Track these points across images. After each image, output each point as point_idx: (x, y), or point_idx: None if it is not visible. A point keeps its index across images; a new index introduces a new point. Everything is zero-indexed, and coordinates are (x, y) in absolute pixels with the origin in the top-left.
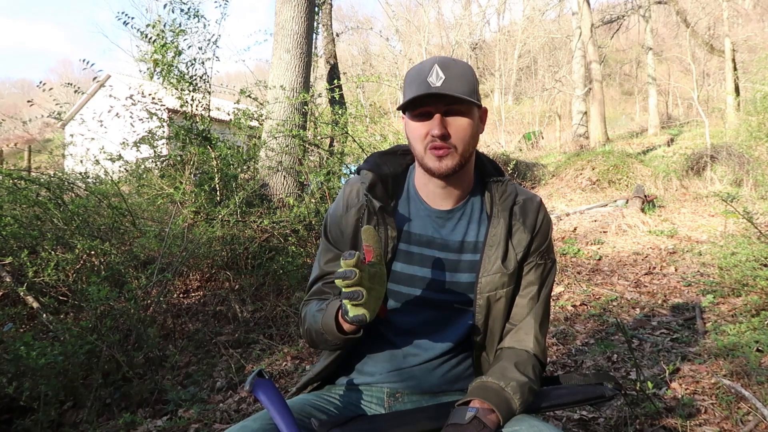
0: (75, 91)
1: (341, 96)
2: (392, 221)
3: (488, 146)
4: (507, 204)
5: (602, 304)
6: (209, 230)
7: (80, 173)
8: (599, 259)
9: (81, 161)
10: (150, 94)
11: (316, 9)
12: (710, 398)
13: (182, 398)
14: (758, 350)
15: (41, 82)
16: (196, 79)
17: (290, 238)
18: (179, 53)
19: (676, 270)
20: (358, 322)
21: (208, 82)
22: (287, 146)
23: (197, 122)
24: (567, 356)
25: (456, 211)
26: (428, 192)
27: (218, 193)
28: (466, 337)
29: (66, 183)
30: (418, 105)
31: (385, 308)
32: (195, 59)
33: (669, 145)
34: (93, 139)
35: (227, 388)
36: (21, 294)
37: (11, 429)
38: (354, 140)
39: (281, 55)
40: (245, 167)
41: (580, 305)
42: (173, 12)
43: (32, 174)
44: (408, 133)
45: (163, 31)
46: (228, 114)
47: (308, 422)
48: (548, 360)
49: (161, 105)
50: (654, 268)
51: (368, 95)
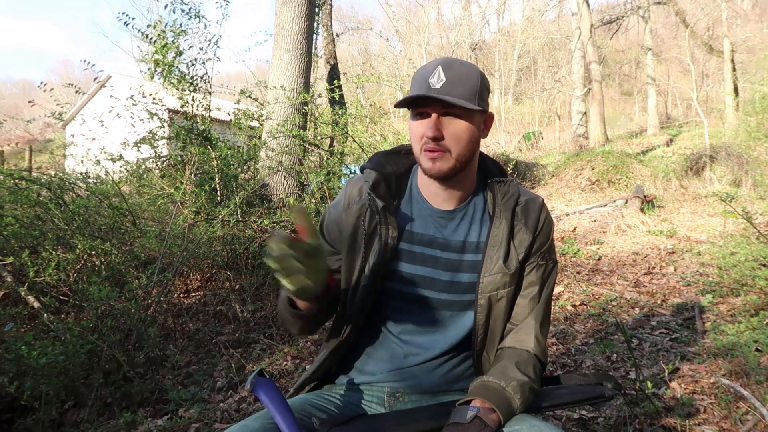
0: (76, 92)
1: (341, 96)
2: (393, 221)
3: (488, 146)
4: (509, 204)
5: (602, 304)
6: (210, 230)
7: (81, 173)
8: (599, 259)
9: (82, 161)
10: (151, 95)
11: (316, 9)
12: (709, 398)
13: (183, 398)
14: (757, 350)
15: (42, 83)
16: (197, 80)
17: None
18: (180, 53)
19: (676, 270)
20: (294, 294)
21: (209, 83)
22: (287, 146)
23: (198, 122)
24: (567, 356)
25: (458, 212)
26: (430, 192)
27: (218, 193)
28: (467, 337)
29: (67, 183)
30: (418, 105)
31: (332, 276)
32: (196, 59)
33: (668, 146)
34: (94, 140)
35: (228, 388)
36: (22, 294)
37: (12, 428)
38: (354, 140)
39: (281, 56)
40: (245, 167)
41: (580, 305)
42: (174, 12)
43: (33, 174)
44: (409, 133)
45: (164, 32)
46: (228, 114)
47: (309, 421)
48: (548, 360)
49: (162, 105)
50: (653, 268)
51: (368, 95)
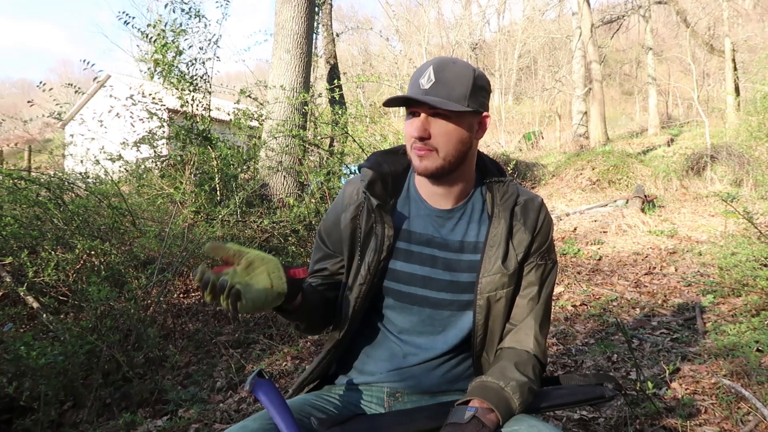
0: (75, 92)
1: (341, 96)
2: (389, 219)
3: (488, 146)
4: (508, 204)
5: (602, 304)
6: (209, 230)
7: (80, 173)
8: (599, 259)
9: (81, 161)
10: (150, 94)
11: (316, 9)
12: (710, 398)
13: (182, 398)
14: (758, 350)
15: (41, 82)
16: (197, 79)
17: (290, 238)
18: (180, 53)
19: (676, 270)
20: (250, 310)
21: (209, 82)
22: (287, 146)
23: (197, 122)
24: (567, 356)
25: (456, 211)
26: (428, 191)
27: (218, 193)
28: (467, 338)
29: (66, 183)
30: (410, 104)
31: (294, 270)
32: (195, 59)
33: (669, 145)
34: (93, 139)
35: (227, 388)
36: (21, 294)
37: (11, 429)
38: (354, 140)
39: (281, 55)
40: (245, 167)
41: (580, 305)
42: (174, 12)
43: (32, 174)
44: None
45: (164, 31)
46: (228, 114)
47: (308, 422)
48: (548, 360)
49: (161, 105)
50: (654, 268)
51: (368, 95)
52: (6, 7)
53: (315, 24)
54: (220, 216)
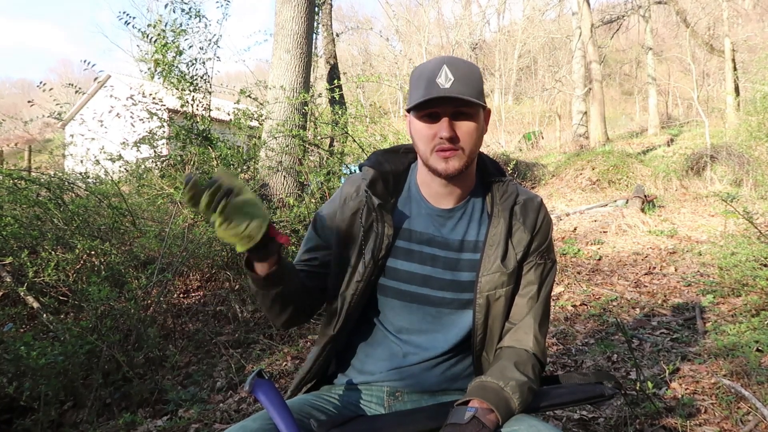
0: (75, 92)
1: (341, 96)
2: (389, 218)
3: (488, 146)
4: (508, 204)
5: (602, 304)
6: (209, 230)
7: (80, 173)
8: (599, 259)
9: (81, 161)
10: (150, 94)
11: (316, 9)
12: (710, 398)
13: (182, 398)
14: (758, 350)
15: (41, 83)
16: (197, 79)
17: (290, 238)
18: (180, 53)
19: (676, 270)
20: (233, 239)
21: (209, 82)
22: (287, 146)
23: (197, 122)
24: (567, 356)
25: (457, 210)
26: (430, 191)
27: None
28: (466, 337)
29: (66, 183)
30: (426, 106)
31: (278, 233)
32: (196, 59)
33: (669, 145)
34: (93, 139)
35: (227, 388)
36: (21, 294)
37: (11, 429)
38: (354, 140)
39: (281, 56)
40: (245, 167)
41: (580, 305)
42: (174, 12)
43: (32, 174)
44: (413, 133)
45: (164, 31)
46: (228, 114)
47: (308, 422)
48: (548, 360)
49: (162, 105)
50: (654, 268)
51: (368, 95)
52: (6, 7)
53: (315, 24)
54: None
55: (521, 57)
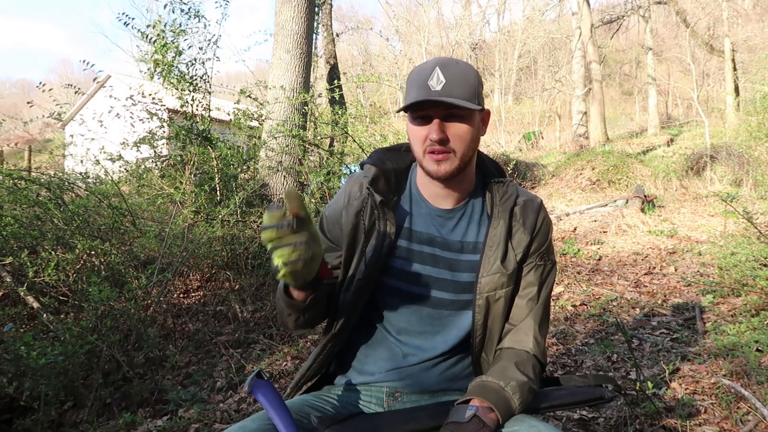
0: (75, 92)
1: (341, 96)
2: (392, 216)
3: (488, 146)
4: (507, 205)
5: (602, 304)
6: (209, 230)
7: (80, 173)
8: (599, 259)
9: (81, 161)
10: (150, 95)
11: (316, 9)
12: (710, 398)
13: (182, 398)
14: (758, 350)
15: (41, 83)
16: (197, 79)
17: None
18: (179, 53)
19: (676, 270)
20: (287, 276)
21: (209, 82)
22: (287, 146)
23: (197, 122)
24: (567, 356)
25: (456, 211)
26: (429, 191)
27: (218, 193)
28: (466, 337)
29: (66, 183)
30: (417, 108)
31: (327, 268)
32: (195, 59)
33: (669, 145)
34: (93, 140)
35: (227, 388)
36: (21, 294)
37: (11, 429)
38: (354, 140)
39: (281, 56)
40: (245, 167)
41: (580, 305)
42: (173, 12)
43: (32, 174)
44: (409, 135)
45: (164, 32)
46: (228, 114)
47: (307, 422)
48: (548, 360)
49: (161, 105)
50: (654, 268)
51: (368, 95)
52: (6, 7)
53: (315, 24)
54: (220, 216)
55: (521, 57)
